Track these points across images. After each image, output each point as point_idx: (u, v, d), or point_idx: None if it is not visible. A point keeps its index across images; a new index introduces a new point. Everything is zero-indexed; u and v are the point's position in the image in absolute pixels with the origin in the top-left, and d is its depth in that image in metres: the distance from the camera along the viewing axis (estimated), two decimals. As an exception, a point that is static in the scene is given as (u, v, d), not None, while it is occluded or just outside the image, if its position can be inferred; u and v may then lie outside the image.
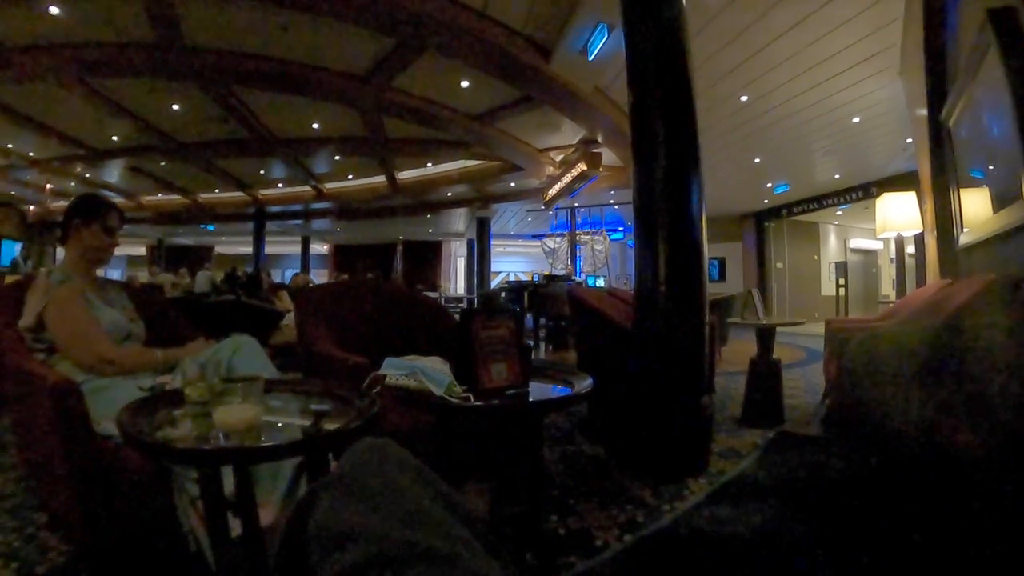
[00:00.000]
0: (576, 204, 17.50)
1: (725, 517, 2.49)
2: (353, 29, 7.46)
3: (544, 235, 20.56)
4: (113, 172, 16.70)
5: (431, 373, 1.82)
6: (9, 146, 13.85)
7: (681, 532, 2.36)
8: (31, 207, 20.80)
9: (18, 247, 19.86)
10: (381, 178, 16.89)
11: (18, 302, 2.35)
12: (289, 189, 19.12)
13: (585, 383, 1.96)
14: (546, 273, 16.46)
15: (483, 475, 2.18)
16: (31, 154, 14.55)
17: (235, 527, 1.57)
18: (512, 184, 16.37)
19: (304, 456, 1.68)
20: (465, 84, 9.42)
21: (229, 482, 1.58)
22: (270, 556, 1.55)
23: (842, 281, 17.54)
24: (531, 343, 9.89)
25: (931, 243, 5.82)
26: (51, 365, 2.15)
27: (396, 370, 1.90)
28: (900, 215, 6.17)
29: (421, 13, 6.51)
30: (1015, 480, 1.42)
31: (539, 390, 1.97)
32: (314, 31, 7.81)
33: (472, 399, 1.76)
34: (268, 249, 22.74)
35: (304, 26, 7.66)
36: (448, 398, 1.76)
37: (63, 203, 18.76)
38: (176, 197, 20.02)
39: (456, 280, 29.12)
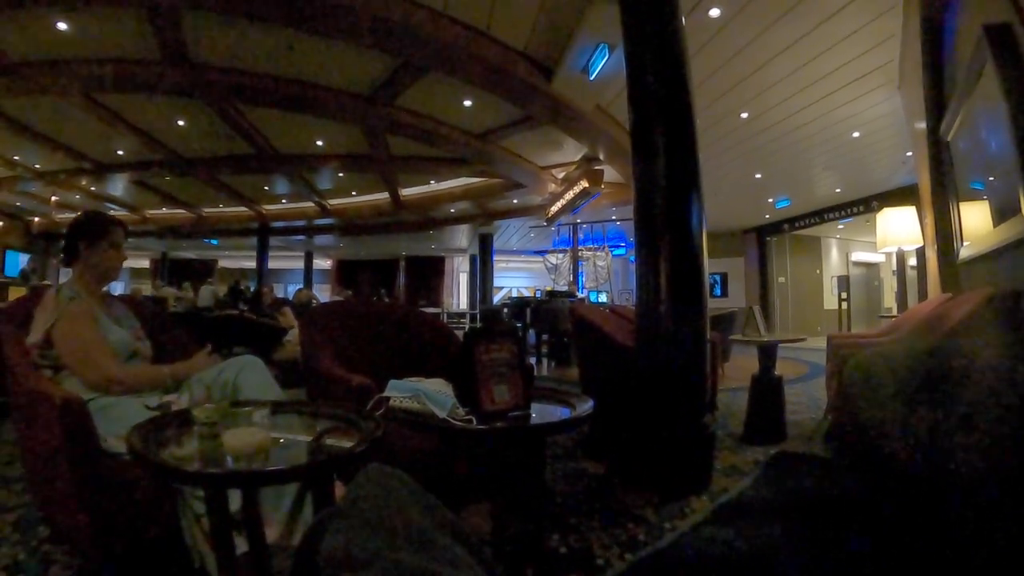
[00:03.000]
0: (578, 220, 17.54)
1: (726, 537, 2.49)
2: (358, 49, 7.52)
3: (546, 251, 20.61)
4: (118, 186, 16.75)
5: (434, 396, 1.84)
6: (16, 158, 13.89)
7: (682, 552, 2.36)
8: (36, 219, 20.88)
9: (23, 259, 19.96)
10: (384, 195, 16.94)
11: (26, 318, 2.37)
12: (293, 205, 19.19)
13: (586, 405, 1.98)
14: (548, 289, 16.48)
15: (486, 495, 2.19)
16: (37, 166, 14.60)
17: (240, 544, 1.59)
18: (515, 201, 16.41)
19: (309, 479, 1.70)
20: (468, 103, 9.48)
21: (235, 500, 1.60)
22: (274, 574, 1.57)
23: (844, 295, 17.54)
24: (534, 359, 9.93)
25: (932, 257, 5.84)
26: (58, 382, 2.17)
27: (400, 392, 1.92)
28: (901, 229, 6.20)
29: (425, 33, 6.56)
30: (1015, 498, 1.43)
31: (541, 412, 1.99)
32: (319, 51, 7.88)
33: (474, 422, 1.77)
34: (271, 264, 22.79)
35: (309, 46, 7.73)
36: (451, 421, 1.78)
37: (68, 215, 18.89)
38: (180, 211, 20.08)
39: (459, 296, 29.11)
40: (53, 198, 17.13)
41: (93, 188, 16.86)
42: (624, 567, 2.23)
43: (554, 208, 14.37)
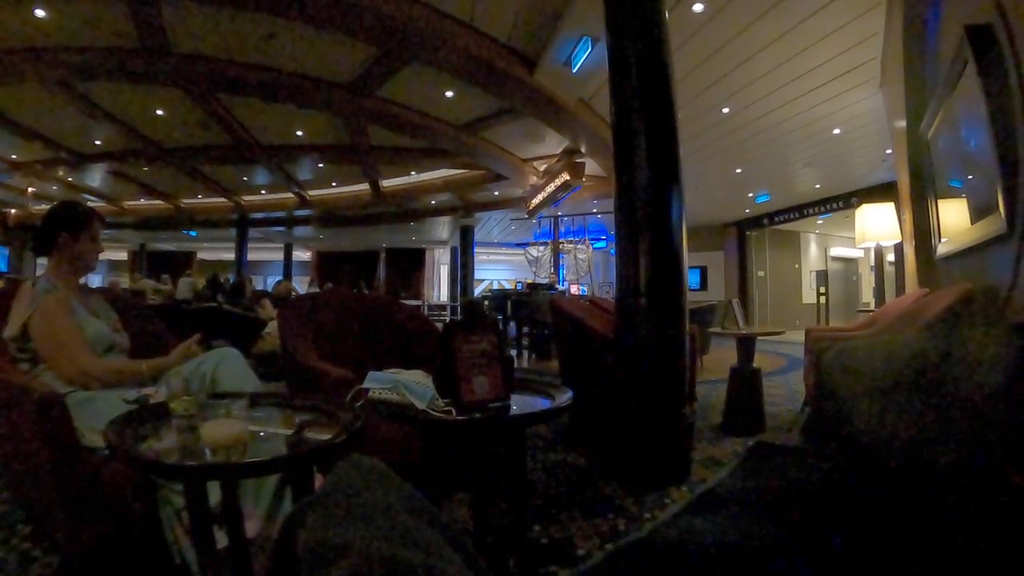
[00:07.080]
0: (559, 213, 17.54)
1: (705, 526, 2.51)
2: (338, 38, 7.47)
3: (528, 243, 20.57)
4: (95, 176, 16.57)
5: (413, 387, 1.84)
6: (-9, 149, 13.73)
7: (661, 541, 2.38)
8: (12, 211, 20.57)
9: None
10: (365, 186, 16.87)
11: (2, 311, 2.34)
12: (272, 196, 19.06)
13: (565, 396, 1.98)
14: (529, 281, 16.48)
15: (467, 486, 2.19)
16: (13, 157, 14.42)
17: (220, 539, 1.58)
18: (496, 193, 16.41)
19: (289, 470, 1.69)
20: (449, 94, 9.45)
21: (214, 494, 1.59)
22: (255, 568, 1.57)
23: (823, 289, 17.69)
24: (514, 352, 9.94)
25: (910, 253, 5.89)
26: (35, 376, 2.15)
27: (379, 384, 1.91)
28: (879, 226, 6.25)
29: (406, 23, 6.53)
30: (985, 487, 1.46)
31: (521, 403, 1.99)
32: (299, 40, 7.82)
33: (454, 413, 1.77)
34: (250, 255, 22.61)
35: (290, 34, 7.67)
36: (430, 412, 1.77)
37: (44, 207, 18.66)
38: (159, 202, 19.88)
39: (439, 288, 29.04)
40: (30, 189, 16.90)
41: (70, 179, 16.66)
42: (604, 557, 2.24)
43: (535, 201, 14.36)
